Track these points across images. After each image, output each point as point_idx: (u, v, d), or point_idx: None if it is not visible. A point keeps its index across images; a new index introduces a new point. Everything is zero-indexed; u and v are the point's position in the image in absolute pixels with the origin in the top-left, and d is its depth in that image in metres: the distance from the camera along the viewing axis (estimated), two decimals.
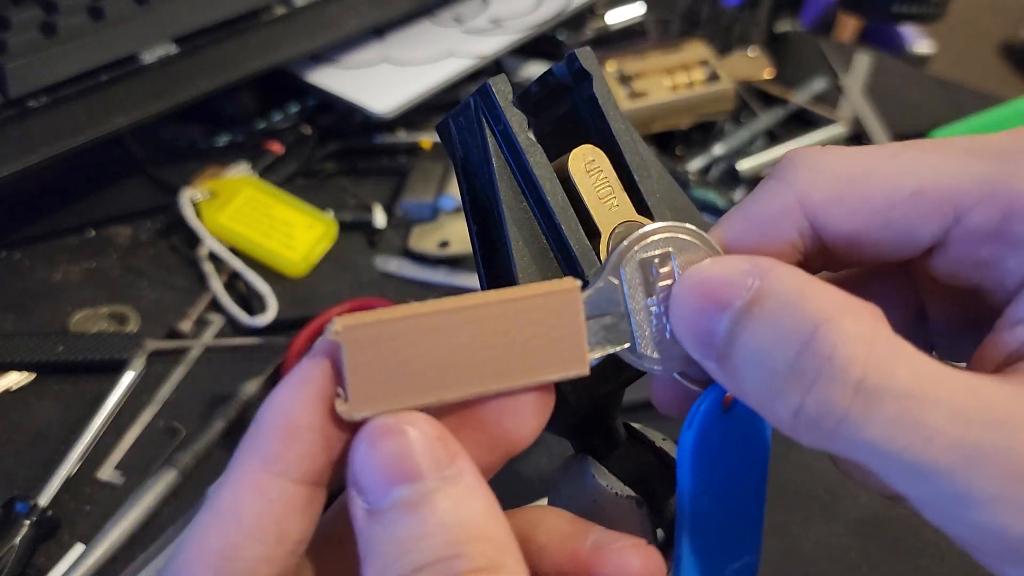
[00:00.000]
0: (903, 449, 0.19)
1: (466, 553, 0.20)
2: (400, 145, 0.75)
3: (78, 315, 0.60)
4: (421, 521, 0.20)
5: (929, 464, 0.19)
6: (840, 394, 0.20)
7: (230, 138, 0.74)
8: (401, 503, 0.20)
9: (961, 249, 0.24)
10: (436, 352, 0.22)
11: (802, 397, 0.20)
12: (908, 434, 0.19)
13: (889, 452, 0.20)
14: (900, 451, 0.19)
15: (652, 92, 0.73)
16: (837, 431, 0.20)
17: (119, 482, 0.50)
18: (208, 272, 0.63)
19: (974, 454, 0.19)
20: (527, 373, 0.23)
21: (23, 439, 0.53)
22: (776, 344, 0.21)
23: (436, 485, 0.20)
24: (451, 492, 0.20)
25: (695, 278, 0.23)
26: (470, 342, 0.22)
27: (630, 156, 0.28)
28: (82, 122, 0.60)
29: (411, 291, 0.63)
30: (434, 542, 0.20)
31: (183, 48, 0.66)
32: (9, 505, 0.47)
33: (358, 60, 0.76)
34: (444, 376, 0.22)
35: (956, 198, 0.23)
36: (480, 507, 0.21)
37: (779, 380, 0.21)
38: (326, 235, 0.66)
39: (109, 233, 0.67)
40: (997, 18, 2.11)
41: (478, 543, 0.20)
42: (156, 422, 0.54)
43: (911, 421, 0.19)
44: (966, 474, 0.19)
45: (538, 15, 0.80)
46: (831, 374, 0.20)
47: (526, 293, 0.23)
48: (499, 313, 0.22)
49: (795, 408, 0.21)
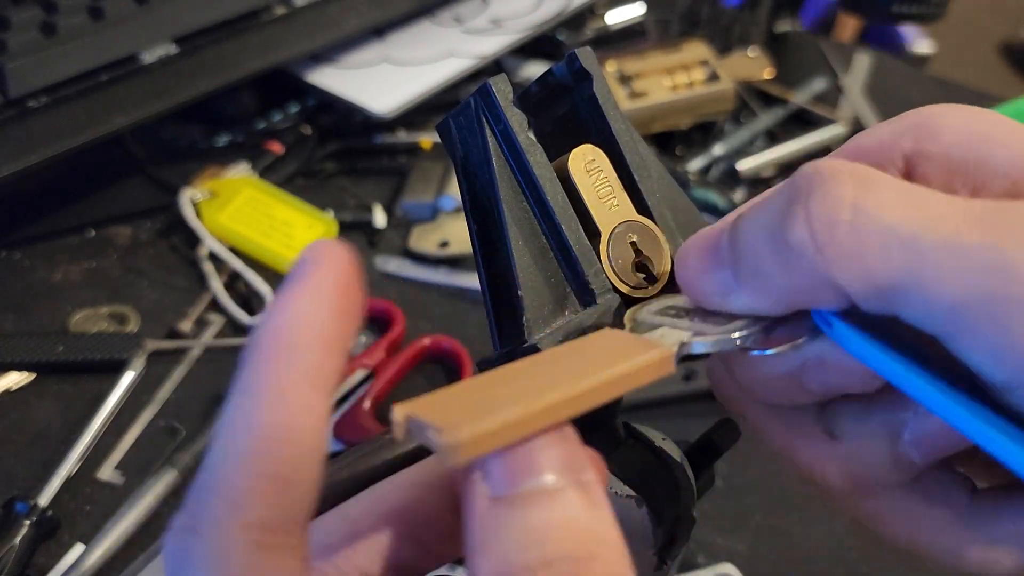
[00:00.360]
0: (925, 227, 0.20)
1: (601, 556, 0.19)
2: (400, 145, 0.75)
3: (78, 315, 0.60)
4: (556, 516, 0.19)
5: (953, 241, 0.19)
6: (839, 186, 0.21)
7: (230, 138, 0.74)
8: (535, 493, 0.19)
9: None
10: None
11: (806, 206, 0.21)
12: (923, 213, 0.20)
13: (912, 236, 0.20)
14: (922, 231, 0.20)
15: (652, 92, 0.73)
16: (855, 224, 0.20)
17: (119, 482, 0.50)
18: (208, 272, 0.63)
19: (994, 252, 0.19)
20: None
21: (23, 439, 0.53)
22: (766, 207, 0.22)
23: (572, 485, 0.19)
24: (585, 495, 0.19)
25: (684, 249, 0.25)
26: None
27: (630, 156, 0.28)
28: (82, 122, 0.60)
29: (411, 291, 0.63)
30: (568, 538, 0.19)
31: (183, 48, 0.66)
32: (9, 505, 0.47)
33: (358, 60, 0.76)
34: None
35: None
36: (611, 519, 0.20)
37: (782, 219, 0.21)
38: (326, 235, 0.66)
39: (109, 233, 0.67)
40: (997, 18, 2.11)
41: (611, 551, 0.19)
42: (156, 422, 0.54)
43: (918, 200, 0.20)
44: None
45: (538, 15, 0.80)
46: (824, 178, 0.21)
47: (621, 372, 0.21)
48: (594, 388, 0.21)
49: (805, 219, 0.21)
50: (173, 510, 0.49)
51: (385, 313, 0.60)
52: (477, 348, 0.57)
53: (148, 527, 0.48)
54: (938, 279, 0.19)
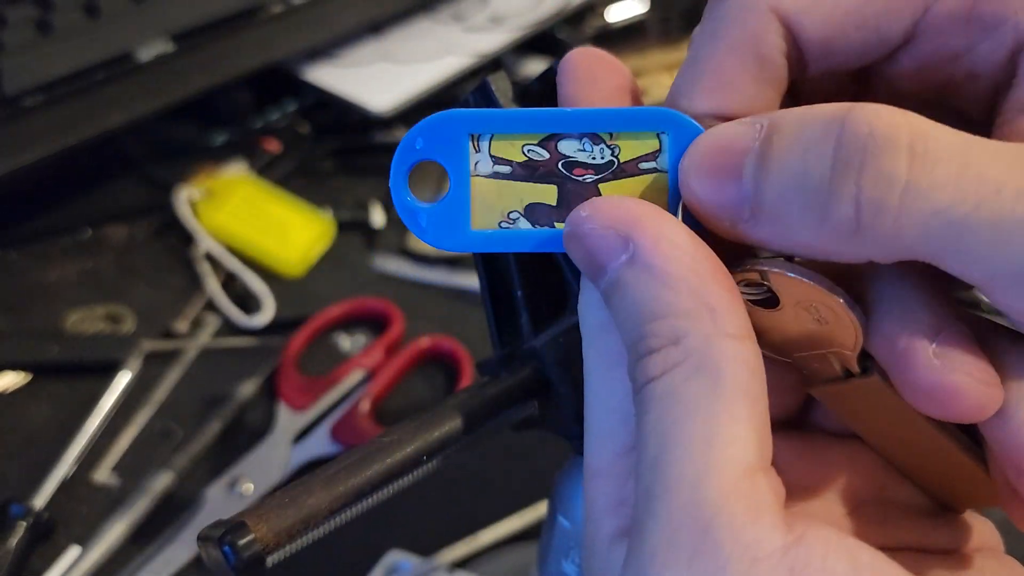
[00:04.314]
0: (977, 206, 0.18)
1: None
2: (398, 144, 0.74)
3: (73, 315, 0.59)
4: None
5: (1008, 217, 0.18)
6: (894, 162, 0.18)
7: (227, 136, 0.74)
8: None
9: (930, 42, 0.22)
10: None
11: (856, 182, 0.19)
12: (977, 189, 0.18)
13: (962, 216, 0.18)
14: (973, 210, 0.18)
15: (652, 90, 0.73)
16: (903, 207, 0.18)
17: (115, 484, 0.50)
18: (204, 272, 0.63)
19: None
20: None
21: (18, 441, 0.52)
22: (808, 153, 0.19)
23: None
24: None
25: (698, 153, 0.21)
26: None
27: None
28: (78, 120, 0.59)
29: (410, 291, 0.63)
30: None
31: (179, 46, 0.66)
32: (4, 507, 0.46)
33: (356, 58, 0.75)
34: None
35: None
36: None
37: (825, 185, 0.19)
38: (323, 234, 0.66)
39: (105, 232, 0.66)
40: None
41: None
42: (152, 423, 0.53)
43: (974, 176, 0.18)
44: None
45: (538, 13, 0.79)
46: (878, 147, 0.18)
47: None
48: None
49: (854, 197, 0.19)
50: (169, 512, 0.48)
51: (383, 313, 0.59)
52: (477, 348, 0.57)
53: (144, 529, 0.47)
54: (984, 256, 0.18)
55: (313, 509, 0.24)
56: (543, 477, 0.50)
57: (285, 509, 0.24)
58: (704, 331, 0.19)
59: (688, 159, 0.21)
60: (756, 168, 0.20)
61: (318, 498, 0.24)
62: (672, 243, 0.20)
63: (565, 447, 0.31)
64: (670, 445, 0.19)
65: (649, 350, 0.20)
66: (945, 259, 0.19)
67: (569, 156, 0.22)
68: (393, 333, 0.57)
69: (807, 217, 0.19)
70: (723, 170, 0.21)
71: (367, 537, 0.46)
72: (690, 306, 0.20)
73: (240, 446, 0.51)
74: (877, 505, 0.25)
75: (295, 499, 0.24)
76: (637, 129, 0.22)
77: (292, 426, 0.52)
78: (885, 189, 0.18)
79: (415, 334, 0.58)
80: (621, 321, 0.21)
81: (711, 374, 0.19)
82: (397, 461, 0.26)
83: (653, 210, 0.21)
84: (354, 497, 0.25)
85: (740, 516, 0.18)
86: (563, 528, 0.31)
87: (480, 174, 0.23)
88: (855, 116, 0.19)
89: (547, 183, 0.22)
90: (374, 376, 0.55)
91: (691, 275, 0.20)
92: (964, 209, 0.18)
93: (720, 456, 0.18)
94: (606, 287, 0.21)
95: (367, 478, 0.25)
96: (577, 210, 0.21)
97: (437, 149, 0.23)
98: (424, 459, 0.26)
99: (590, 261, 0.21)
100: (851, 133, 0.19)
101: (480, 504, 0.49)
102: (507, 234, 0.23)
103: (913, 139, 0.18)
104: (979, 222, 0.18)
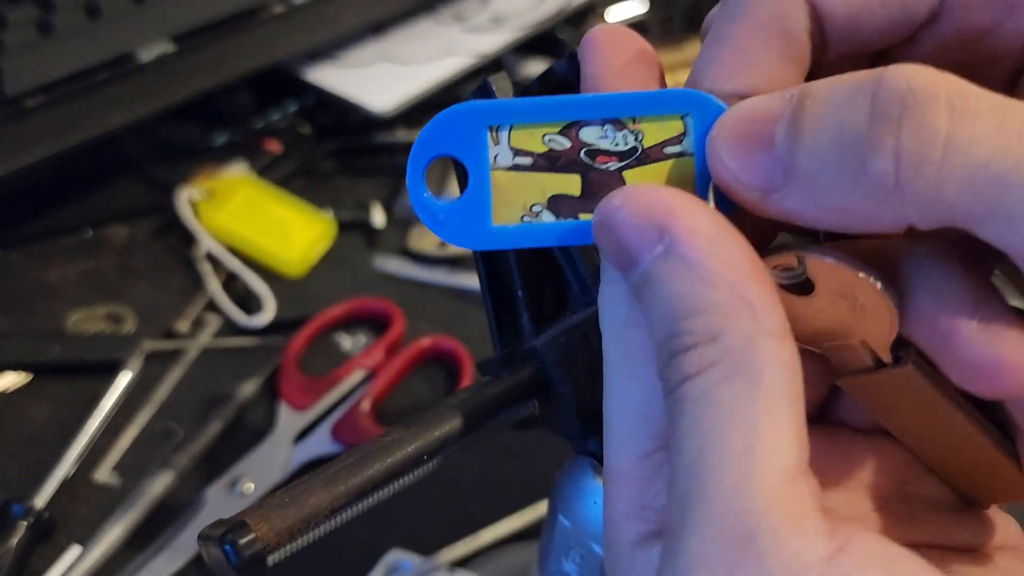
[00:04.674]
0: (1017, 164, 0.17)
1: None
2: (399, 144, 0.74)
3: (74, 315, 0.59)
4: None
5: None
6: (934, 116, 0.18)
7: (228, 137, 0.74)
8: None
9: (955, 20, 0.22)
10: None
11: (895, 135, 0.18)
12: (1018, 145, 0.17)
13: (1003, 173, 0.17)
14: (1014, 167, 0.17)
15: None
16: (945, 160, 0.18)
17: (116, 484, 0.50)
18: (205, 272, 0.63)
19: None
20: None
21: (19, 440, 0.52)
22: (843, 109, 0.19)
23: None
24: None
25: (727, 124, 0.21)
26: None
27: None
28: (79, 121, 0.59)
29: (410, 291, 0.63)
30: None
31: (180, 46, 0.66)
32: (5, 507, 0.46)
33: (357, 58, 0.75)
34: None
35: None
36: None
37: (862, 140, 0.18)
38: (324, 235, 0.66)
39: (106, 233, 0.66)
40: None
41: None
42: (153, 423, 0.53)
43: (1015, 132, 0.17)
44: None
45: (539, 13, 0.79)
46: (917, 101, 0.18)
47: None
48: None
49: (893, 150, 0.18)
50: (170, 512, 0.49)
51: (384, 313, 0.59)
52: (477, 348, 0.57)
53: (145, 529, 0.48)
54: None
55: (314, 508, 0.24)
56: (543, 477, 0.50)
57: (286, 508, 0.24)
58: (743, 330, 0.19)
59: (716, 131, 0.21)
60: (789, 132, 0.19)
61: (319, 497, 0.24)
62: (709, 236, 0.19)
63: (565, 447, 0.31)
64: (708, 450, 0.18)
65: (684, 347, 0.19)
66: (985, 221, 0.18)
67: (591, 144, 0.22)
68: (394, 333, 0.58)
69: (843, 177, 0.19)
70: (754, 139, 0.20)
71: (368, 536, 0.46)
72: (728, 303, 0.19)
73: (241, 446, 0.51)
74: (901, 501, 0.25)
75: (296, 498, 0.24)
76: (661, 112, 0.21)
77: (293, 426, 0.52)
78: (926, 141, 0.18)
79: (416, 334, 0.58)
80: (653, 317, 0.20)
81: (750, 376, 0.18)
82: (397, 461, 0.26)
83: (689, 199, 0.20)
84: (355, 496, 0.25)
85: (782, 526, 0.17)
86: (563, 528, 0.31)
87: (500, 167, 0.22)
88: (892, 72, 0.18)
89: (569, 173, 0.22)
90: (375, 376, 0.55)
91: (729, 270, 0.19)
92: (1004, 165, 0.17)
93: (761, 464, 0.18)
94: (637, 280, 0.20)
95: (368, 478, 0.25)
96: (609, 199, 0.20)
97: (455, 143, 0.22)
98: (424, 459, 0.26)
99: (621, 253, 0.20)
100: (888, 88, 0.18)
101: (480, 504, 0.49)
102: (530, 228, 0.22)
103: (952, 94, 0.18)
104: (1020, 180, 0.17)
